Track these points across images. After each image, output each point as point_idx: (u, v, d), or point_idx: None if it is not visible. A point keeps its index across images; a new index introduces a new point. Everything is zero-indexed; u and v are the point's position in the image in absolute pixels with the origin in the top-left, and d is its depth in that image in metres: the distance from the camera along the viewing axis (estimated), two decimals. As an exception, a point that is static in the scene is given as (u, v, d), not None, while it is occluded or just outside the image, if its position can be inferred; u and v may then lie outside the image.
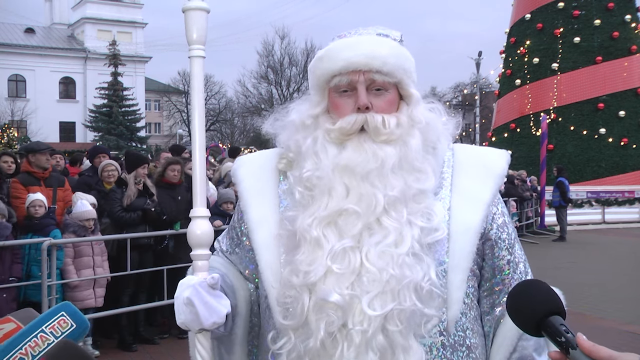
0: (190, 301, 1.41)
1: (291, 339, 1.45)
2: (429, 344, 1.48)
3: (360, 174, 1.48)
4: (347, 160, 1.49)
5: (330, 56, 1.57)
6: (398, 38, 1.64)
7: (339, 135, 1.53)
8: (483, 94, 43.81)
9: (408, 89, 1.59)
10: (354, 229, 1.45)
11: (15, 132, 31.52)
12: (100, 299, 6.14)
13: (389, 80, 1.55)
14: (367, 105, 1.52)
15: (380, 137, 1.52)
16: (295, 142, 1.59)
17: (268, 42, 53.32)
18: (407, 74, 1.58)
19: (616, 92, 22.78)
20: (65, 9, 54.60)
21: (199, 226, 1.51)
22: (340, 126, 1.53)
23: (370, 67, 1.52)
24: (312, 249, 1.45)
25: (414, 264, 1.43)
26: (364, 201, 1.46)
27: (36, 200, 5.86)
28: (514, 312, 1.24)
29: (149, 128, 54.61)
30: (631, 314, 7.76)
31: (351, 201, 1.46)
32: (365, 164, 1.48)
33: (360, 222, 1.45)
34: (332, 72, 1.56)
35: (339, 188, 1.48)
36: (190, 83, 1.56)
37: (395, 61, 1.55)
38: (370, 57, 1.52)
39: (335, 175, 1.49)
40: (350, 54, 1.54)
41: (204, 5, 1.53)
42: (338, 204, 1.47)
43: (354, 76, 1.53)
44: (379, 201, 1.45)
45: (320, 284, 1.42)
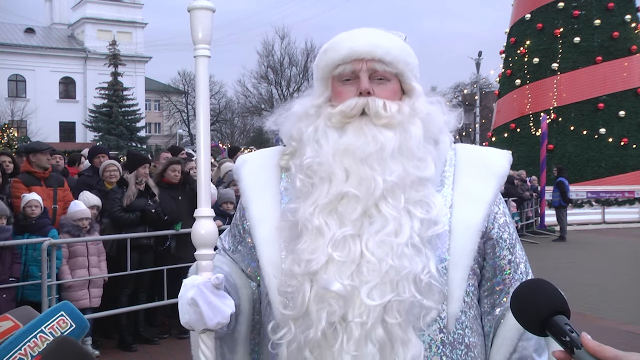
0: (194, 301, 1.41)
1: (291, 329, 1.45)
2: (428, 340, 1.48)
3: (359, 157, 1.49)
4: (346, 144, 1.51)
5: (334, 47, 1.61)
6: (402, 37, 1.66)
7: (340, 119, 1.55)
8: (483, 94, 43.81)
9: (410, 82, 1.61)
10: (354, 214, 1.46)
11: (15, 132, 31.48)
12: (96, 299, 6.11)
13: (391, 71, 1.57)
14: (369, 90, 1.54)
15: (381, 120, 1.53)
16: (297, 130, 1.61)
17: (268, 42, 53.33)
18: (409, 67, 1.60)
19: (616, 92, 22.78)
20: (65, 9, 54.59)
21: (204, 226, 1.51)
22: (341, 109, 1.55)
23: (373, 55, 1.55)
24: (313, 238, 1.46)
25: (413, 255, 1.43)
26: (364, 185, 1.47)
27: (32, 200, 5.84)
28: (518, 312, 1.23)
29: (149, 128, 54.60)
30: (631, 314, 7.76)
31: (351, 185, 1.47)
32: (364, 147, 1.49)
33: (359, 206, 1.46)
34: (335, 61, 1.58)
35: (338, 172, 1.49)
36: (195, 83, 1.56)
37: (398, 53, 1.58)
38: (374, 45, 1.55)
39: (335, 159, 1.50)
40: (354, 43, 1.57)
41: (210, 4, 1.53)
42: (338, 188, 1.47)
43: (356, 65, 1.56)
44: (378, 184, 1.46)
45: (321, 272, 1.42)
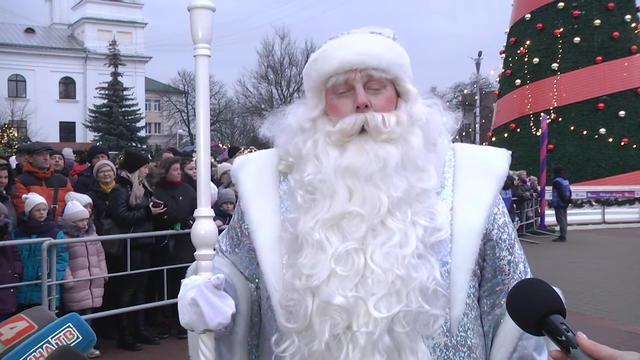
0: (195, 302, 1.40)
1: (295, 342, 1.44)
2: (432, 345, 1.47)
3: (363, 175, 1.46)
4: (349, 163, 1.47)
5: (324, 57, 1.56)
6: (391, 36, 1.63)
7: (339, 137, 1.51)
8: (483, 94, 43.79)
9: (405, 85, 1.58)
10: (358, 232, 1.43)
11: (15, 132, 31.48)
12: (97, 299, 6.12)
13: (386, 77, 1.54)
14: (366, 104, 1.51)
15: (381, 136, 1.50)
16: (294, 146, 1.57)
17: (268, 42, 53.33)
18: (402, 69, 1.57)
19: (616, 92, 22.76)
20: (65, 9, 54.60)
21: (204, 226, 1.50)
22: (340, 128, 1.51)
23: (366, 64, 1.51)
24: (314, 252, 1.44)
25: (419, 265, 1.42)
26: (368, 204, 1.44)
27: (40, 204, 5.83)
28: (514, 311, 1.23)
29: (149, 128, 54.60)
30: (631, 314, 7.77)
31: (355, 204, 1.45)
32: (368, 166, 1.46)
33: (364, 224, 1.43)
34: (327, 73, 1.54)
35: (341, 191, 1.46)
36: (195, 82, 1.54)
37: (391, 57, 1.54)
38: (365, 54, 1.52)
39: (337, 178, 1.47)
40: (345, 53, 1.53)
41: (210, 4, 1.52)
42: (341, 207, 1.45)
43: (350, 75, 1.52)
44: (383, 203, 1.44)
45: (323, 287, 1.40)
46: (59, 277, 5.74)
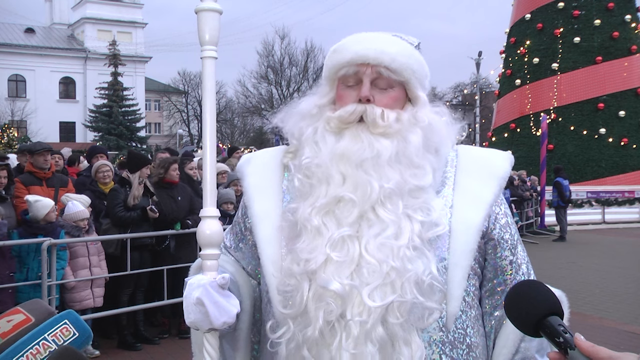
0: (200, 301, 1.42)
1: (290, 328, 1.46)
2: (427, 339, 1.48)
3: (355, 162, 1.50)
4: (343, 149, 1.52)
5: (342, 49, 1.62)
6: (414, 43, 1.66)
7: (338, 124, 1.56)
8: (483, 94, 43.77)
9: (415, 91, 1.61)
10: (350, 217, 1.47)
11: (15, 132, 31.48)
12: (99, 298, 6.13)
13: (396, 78, 1.57)
14: (369, 97, 1.55)
15: (377, 129, 1.54)
16: (299, 130, 1.63)
17: (268, 42, 53.34)
18: (415, 75, 1.60)
19: (616, 92, 22.76)
20: (65, 9, 54.59)
21: (209, 226, 1.52)
22: (339, 114, 1.56)
23: (379, 61, 1.55)
24: (312, 237, 1.47)
25: (415, 257, 1.44)
26: (360, 189, 1.48)
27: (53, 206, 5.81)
28: (512, 313, 1.24)
29: (149, 128, 54.58)
30: (631, 314, 7.77)
31: (347, 189, 1.49)
32: (360, 153, 1.51)
33: (356, 209, 1.47)
34: (341, 64, 1.60)
35: (336, 176, 1.51)
36: (202, 83, 1.57)
37: (405, 60, 1.58)
38: (379, 52, 1.56)
39: (332, 163, 1.52)
40: (360, 47, 1.58)
41: (217, 6, 1.54)
42: (335, 191, 1.49)
43: (361, 68, 1.57)
44: (374, 188, 1.47)
45: (320, 272, 1.43)
46: (58, 276, 5.75)
